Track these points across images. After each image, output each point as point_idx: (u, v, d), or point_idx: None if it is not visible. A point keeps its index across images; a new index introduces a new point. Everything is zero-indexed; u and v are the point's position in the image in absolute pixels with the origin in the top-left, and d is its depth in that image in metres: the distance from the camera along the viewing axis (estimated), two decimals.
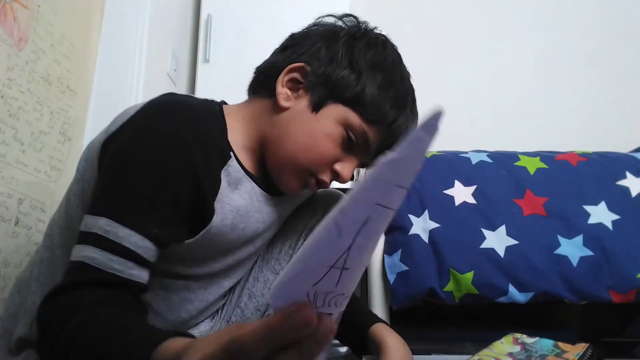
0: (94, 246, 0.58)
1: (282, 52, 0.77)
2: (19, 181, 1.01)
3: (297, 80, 0.73)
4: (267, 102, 0.75)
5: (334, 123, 0.71)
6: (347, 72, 0.71)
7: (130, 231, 0.59)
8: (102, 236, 0.58)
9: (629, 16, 2.18)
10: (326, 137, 0.71)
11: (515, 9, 2.24)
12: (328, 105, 0.71)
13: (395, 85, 0.73)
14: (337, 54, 0.72)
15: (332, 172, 0.73)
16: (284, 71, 0.73)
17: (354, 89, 0.70)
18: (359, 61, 0.71)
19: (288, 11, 1.90)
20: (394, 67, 0.74)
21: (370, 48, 0.73)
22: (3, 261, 0.96)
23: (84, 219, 0.61)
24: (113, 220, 0.59)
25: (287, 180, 0.74)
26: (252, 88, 0.80)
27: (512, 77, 2.17)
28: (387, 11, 2.15)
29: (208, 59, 1.89)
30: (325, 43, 0.73)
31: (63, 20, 1.18)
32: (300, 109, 0.72)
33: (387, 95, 0.71)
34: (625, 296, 1.10)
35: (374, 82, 0.71)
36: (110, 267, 0.58)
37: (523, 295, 1.11)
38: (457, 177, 1.23)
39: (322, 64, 0.72)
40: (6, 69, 0.96)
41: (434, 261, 1.14)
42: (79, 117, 1.27)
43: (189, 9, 2.01)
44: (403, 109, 0.73)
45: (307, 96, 0.72)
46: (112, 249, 0.58)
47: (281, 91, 0.73)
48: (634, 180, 1.21)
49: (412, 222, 1.18)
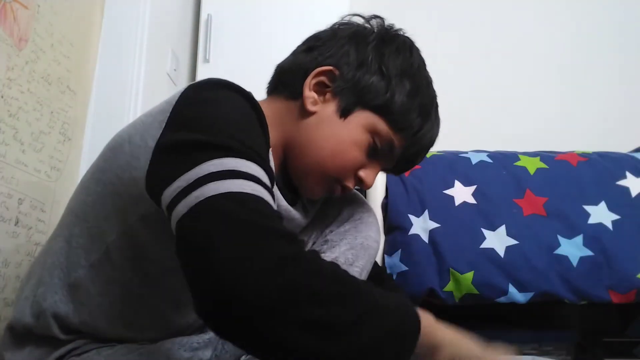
0: (229, 179, 0.50)
1: (307, 53, 0.74)
2: (19, 181, 1.01)
3: (324, 83, 0.71)
4: (291, 104, 0.73)
5: (361, 130, 0.70)
6: (377, 79, 0.69)
7: (251, 164, 0.53)
8: (233, 171, 0.51)
9: (629, 16, 2.18)
10: (354, 144, 0.70)
11: (516, 9, 2.24)
12: (356, 111, 0.70)
13: (422, 92, 0.72)
14: (366, 58, 0.70)
15: (356, 178, 0.73)
16: (312, 74, 0.71)
17: (384, 96, 0.69)
18: (389, 67, 0.70)
19: (288, 11, 1.91)
20: (420, 72, 0.74)
21: (400, 53, 0.72)
22: (3, 261, 0.96)
23: (188, 172, 0.51)
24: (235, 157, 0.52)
25: (311, 186, 0.73)
26: (273, 86, 0.78)
27: (512, 77, 2.17)
28: (387, 11, 2.15)
29: (208, 59, 1.89)
30: (354, 46, 0.72)
31: (63, 20, 1.18)
32: (327, 114, 0.70)
33: (415, 102, 0.70)
34: (625, 296, 1.10)
35: (403, 90, 0.70)
36: (266, 199, 0.51)
37: (523, 295, 1.11)
38: (457, 177, 1.23)
39: (351, 68, 0.70)
40: (6, 69, 0.96)
41: (434, 261, 1.14)
42: (79, 117, 1.27)
43: (189, 9, 2.01)
44: (428, 117, 0.73)
45: (335, 101, 0.70)
46: (250, 178, 0.51)
47: (308, 95, 0.71)
48: (634, 180, 1.21)
49: (412, 222, 1.18)
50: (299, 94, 0.72)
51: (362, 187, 0.75)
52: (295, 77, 0.73)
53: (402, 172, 0.83)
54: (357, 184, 0.74)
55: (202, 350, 0.77)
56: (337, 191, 0.74)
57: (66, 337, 0.67)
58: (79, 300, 0.67)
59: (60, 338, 0.67)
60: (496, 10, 2.24)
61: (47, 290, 0.67)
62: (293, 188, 0.77)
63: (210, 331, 0.79)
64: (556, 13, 2.22)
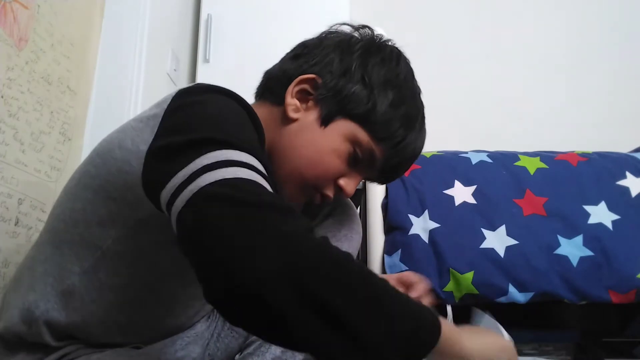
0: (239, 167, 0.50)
1: (293, 60, 0.75)
2: (19, 181, 1.01)
3: (307, 91, 0.72)
4: (275, 110, 0.73)
5: (341, 139, 0.69)
6: (359, 88, 0.69)
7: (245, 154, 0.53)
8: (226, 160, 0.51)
9: (629, 16, 2.18)
10: (333, 152, 0.70)
11: (516, 9, 2.24)
12: (337, 120, 0.70)
13: (406, 103, 0.71)
14: (350, 67, 0.70)
15: (335, 187, 0.72)
16: (295, 82, 0.71)
17: (365, 105, 0.69)
18: (372, 77, 0.70)
19: (288, 11, 1.91)
20: (406, 83, 0.73)
21: (385, 64, 0.71)
22: (3, 261, 0.96)
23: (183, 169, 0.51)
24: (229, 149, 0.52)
25: (291, 193, 0.73)
26: (260, 92, 0.78)
27: (512, 77, 2.17)
28: (387, 11, 2.15)
29: (208, 59, 1.89)
30: (338, 55, 0.71)
31: (63, 20, 1.18)
32: (308, 122, 0.70)
33: (397, 113, 0.70)
34: (625, 296, 1.10)
35: (386, 100, 0.69)
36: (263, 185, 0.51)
37: (523, 295, 1.11)
38: (457, 177, 1.23)
39: (334, 76, 0.70)
40: (6, 69, 0.96)
41: (434, 261, 1.14)
42: (79, 117, 1.27)
43: (189, 9, 2.01)
44: (412, 129, 0.72)
45: (317, 109, 0.70)
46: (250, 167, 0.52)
47: (290, 102, 0.71)
48: (634, 180, 1.21)
49: (412, 222, 1.18)
50: (282, 101, 0.72)
51: (341, 197, 0.74)
52: (280, 83, 0.73)
53: (386, 182, 0.82)
54: (337, 192, 0.73)
55: (192, 346, 0.77)
56: (316, 199, 0.73)
57: (57, 344, 0.67)
58: (72, 307, 0.66)
59: (51, 345, 0.67)
60: (496, 10, 2.24)
61: (39, 298, 0.66)
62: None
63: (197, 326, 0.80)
64: (556, 13, 2.22)
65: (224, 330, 0.81)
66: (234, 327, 0.80)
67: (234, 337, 0.80)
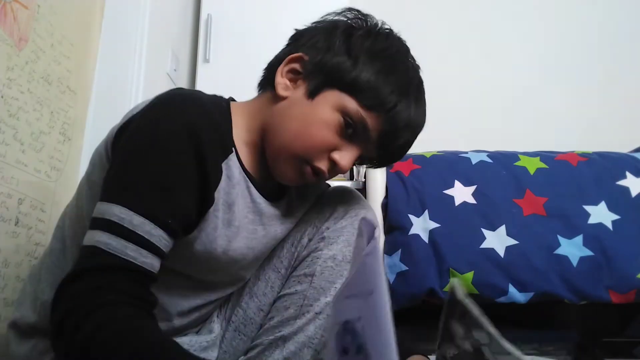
0: (109, 232, 0.58)
1: (286, 47, 0.78)
2: (19, 181, 1.01)
3: (296, 70, 0.74)
4: (270, 94, 0.76)
5: (330, 109, 0.70)
6: (344, 59, 0.71)
7: (144, 220, 0.59)
8: (116, 223, 0.58)
9: (629, 16, 2.18)
10: (321, 122, 0.70)
11: (516, 9, 2.24)
12: (324, 91, 0.71)
13: (397, 72, 0.72)
14: (334, 42, 0.72)
15: (329, 160, 0.72)
16: (284, 62, 0.74)
17: (350, 74, 0.70)
18: (355, 48, 0.71)
19: (288, 11, 1.91)
20: (397, 56, 0.74)
21: (369, 37, 0.73)
22: (3, 261, 0.96)
23: (97, 206, 0.61)
24: (127, 209, 0.59)
25: (283, 169, 0.73)
26: (260, 84, 0.80)
27: (512, 77, 2.17)
28: (387, 11, 2.15)
29: (208, 59, 1.89)
30: (324, 34, 0.74)
31: (63, 20, 1.18)
32: (297, 98, 0.72)
33: (387, 80, 0.70)
34: (624, 296, 1.10)
35: (371, 68, 0.70)
36: (124, 253, 0.58)
37: (523, 295, 1.11)
38: (457, 177, 1.23)
39: (319, 52, 0.72)
40: (6, 69, 0.96)
41: (434, 261, 1.14)
42: (79, 117, 1.27)
43: (189, 9, 2.01)
44: (404, 96, 0.71)
45: (305, 84, 0.72)
46: (126, 236, 0.58)
47: (280, 81, 0.74)
48: (634, 180, 1.21)
49: (412, 222, 1.18)
50: (274, 83, 0.75)
51: (337, 171, 0.74)
52: (273, 69, 0.76)
53: (387, 162, 0.82)
54: (331, 167, 0.73)
55: (211, 350, 0.78)
56: (308, 173, 0.73)
57: None
58: None
59: None
60: (497, 10, 2.24)
61: (46, 285, 0.73)
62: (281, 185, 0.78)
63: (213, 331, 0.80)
64: (557, 13, 2.22)
65: (228, 331, 0.81)
66: (240, 330, 0.80)
67: (241, 339, 0.80)
